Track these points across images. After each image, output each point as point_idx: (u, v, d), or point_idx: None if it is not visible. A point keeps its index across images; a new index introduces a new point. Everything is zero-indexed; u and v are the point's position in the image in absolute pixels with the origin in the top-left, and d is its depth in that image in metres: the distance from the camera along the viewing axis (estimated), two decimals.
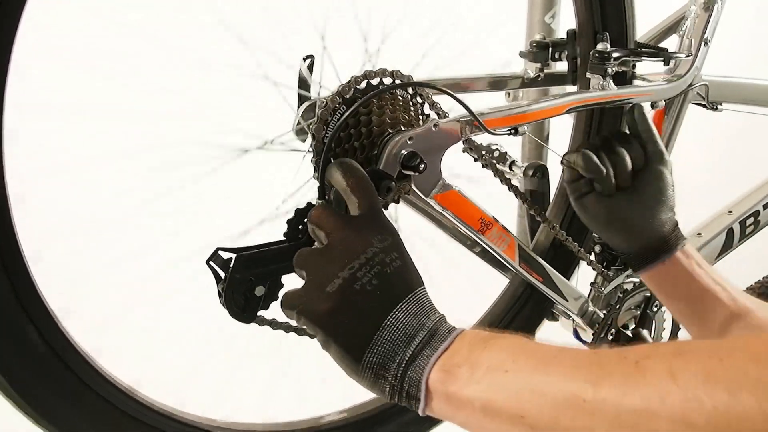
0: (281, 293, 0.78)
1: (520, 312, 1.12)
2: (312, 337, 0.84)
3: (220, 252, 0.76)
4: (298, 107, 0.93)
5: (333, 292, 0.65)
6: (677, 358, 0.53)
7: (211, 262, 0.75)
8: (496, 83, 1.07)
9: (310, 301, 0.66)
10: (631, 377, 0.54)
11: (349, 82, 0.79)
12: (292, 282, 0.79)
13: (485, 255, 1.17)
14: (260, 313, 0.78)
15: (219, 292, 0.76)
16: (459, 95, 0.83)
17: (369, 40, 0.93)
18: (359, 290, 0.65)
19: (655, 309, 1.14)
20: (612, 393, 0.54)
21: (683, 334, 1.17)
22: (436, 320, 0.66)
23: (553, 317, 1.19)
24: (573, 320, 1.13)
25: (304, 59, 0.93)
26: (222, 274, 0.75)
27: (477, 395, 0.61)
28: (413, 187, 0.83)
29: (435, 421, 1.06)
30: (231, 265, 0.75)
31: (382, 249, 0.67)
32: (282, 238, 0.79)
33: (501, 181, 0.97)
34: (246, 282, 0.76)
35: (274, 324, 0.81)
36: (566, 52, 1.05)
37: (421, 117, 0.85)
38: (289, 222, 0.78)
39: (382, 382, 0.64)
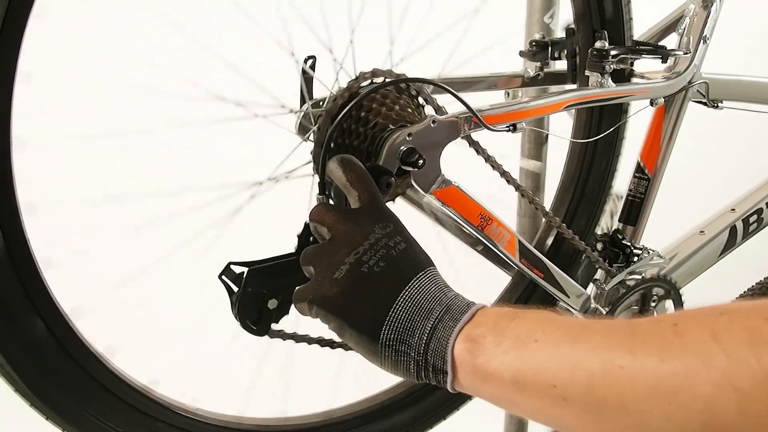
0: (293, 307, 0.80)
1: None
2: (323, 346, 0.85)
3: (231, 266, 0.76)
4: (300, 107, 0.95)
5: (342, 278, 0.65)
6: (719, 319, 0.50)
7: (223, 277, 0.76)
8: (496, 82, 1.08)
9: (319, 289, 0.66)
10: (670, 341, 0.51)
11: (355, 79, 0.81)
12: None
13: (488, 253, 1.18)
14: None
15: (232, 305, 0.76)
16: (458, 93, 0.85)
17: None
18: (367, 272, 0.65)
19: (653, 304, 1.14)
20: (650, 359, 0.51)
21: None
22: (452, 296, 0.65)
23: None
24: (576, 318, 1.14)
25: (306, 60, 0.94)
26: (234, 288, 0.76)
27: (505, 366, 0.58)
28: (413, 182, 0.85)
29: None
30: (243, 279, 0.75)
31: (385, 234, 0.68)
32: (293, 251, 0.79)
33: (508, 181, 0.98)
34: (258, 295, 0.76)
35: (284, 335, 0.82)
36: (565, 51, 1.06)
37: (423, 115, 0.87)
38: (299, 236, 0.79)
39: (405, 360, 0.63)
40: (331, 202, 0.78)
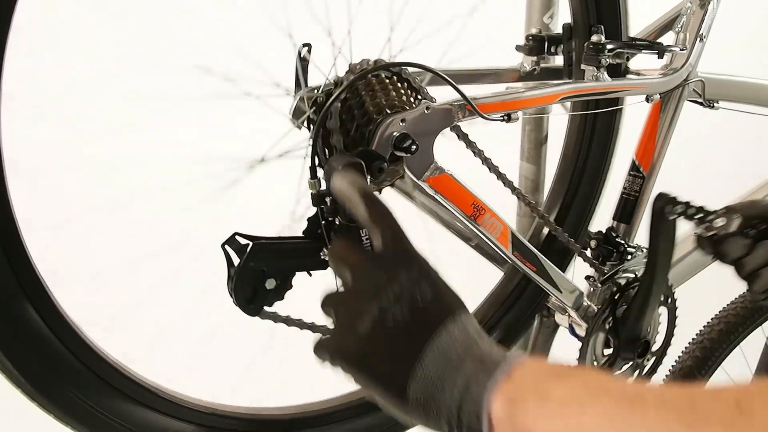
0: (288, 293, 0.78)
1: (515, 304, 1.12)
2: (315, 331, 0.83)
3: (237, 237, 0.74)
4: (296, 94, 0.95)
5: (364, 331, 0.62)
6: None
7: (226, 246, 0.74)
8: (492, 76, 1.08)
9: (341, 344, 0.63)
10: (734, 422, 0.47)
11: (357, 64, 0.82)
12: (302, 281, 0.79)
13: (481, 249, 1.17)
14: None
15: (229, 278, 0.75)
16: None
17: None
18: (391, 325, 0.61)
19: None
20: None
21: (679, 330, 1.17)
22: (485, 347, 0.60)
23: (549, 313, 1.19)
24: (569, 315, 1.13)
25: (302, 47, 0.94)
26: (235, 261, 0.74)
27: None
28: (405, 169, 0.84)
29: None
30: (246, 252, 0.74)
31: (412, 279, 0.63)
32: (301, 235, 0.78)
33: (497, 176, 0.97)
34: (258, 272, 0.75)
35: (276, 317, 0.80)
36: (562, 46, 1.06)
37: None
38: (309, 220, 0.78)
39: (436, 418, 0.59)
40: (323, 185, 0.77)
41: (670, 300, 1.16)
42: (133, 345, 1.03)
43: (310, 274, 0.79)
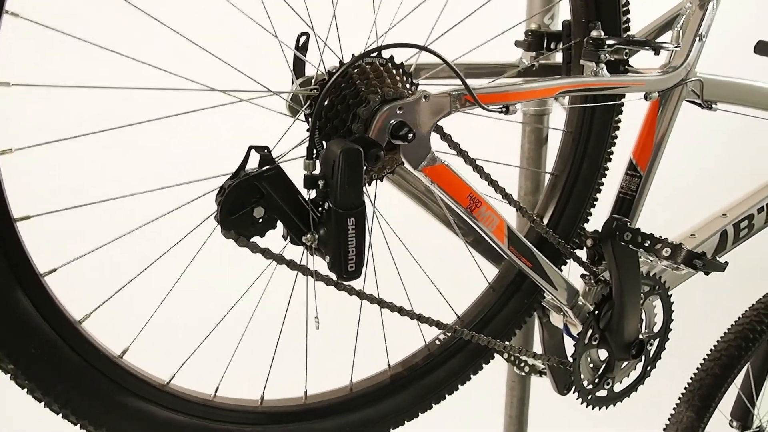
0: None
1: (511, 299, 1.11)
2: (292, 269, 0.80)
3: (268, 151, 0.74)
4: (293, 82, 0.95)
5: None
6: None
7: (253, 150, 0.74)
8: (491, 71, 1.07)
9: None
10: None
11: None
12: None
13: (477, 245, 1.17)
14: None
15: (228, 180, 0.73)
16: (450, 81, 0.84)
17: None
18: None
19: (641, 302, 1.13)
20: None
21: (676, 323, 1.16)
22: None
23: (544, 313, 1.18)
24: (564, 313, 1.12)
25: (299, 37, 0.94)
26: (247, 169, 0.74)
27: None
28: (402, 157, 0.83)
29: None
30: (266, 169, 0.74)
31: None
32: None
33: (480, 175, 0.97)
34: (257, 193, 0.74)
35: (240, 241, 0.77)
36: (561, 42, 1.06)
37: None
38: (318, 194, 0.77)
39: None
40: (318, 167, 0.77)
41: (665, 298, 1.15)
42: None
43: (285, 238, 0.79)
